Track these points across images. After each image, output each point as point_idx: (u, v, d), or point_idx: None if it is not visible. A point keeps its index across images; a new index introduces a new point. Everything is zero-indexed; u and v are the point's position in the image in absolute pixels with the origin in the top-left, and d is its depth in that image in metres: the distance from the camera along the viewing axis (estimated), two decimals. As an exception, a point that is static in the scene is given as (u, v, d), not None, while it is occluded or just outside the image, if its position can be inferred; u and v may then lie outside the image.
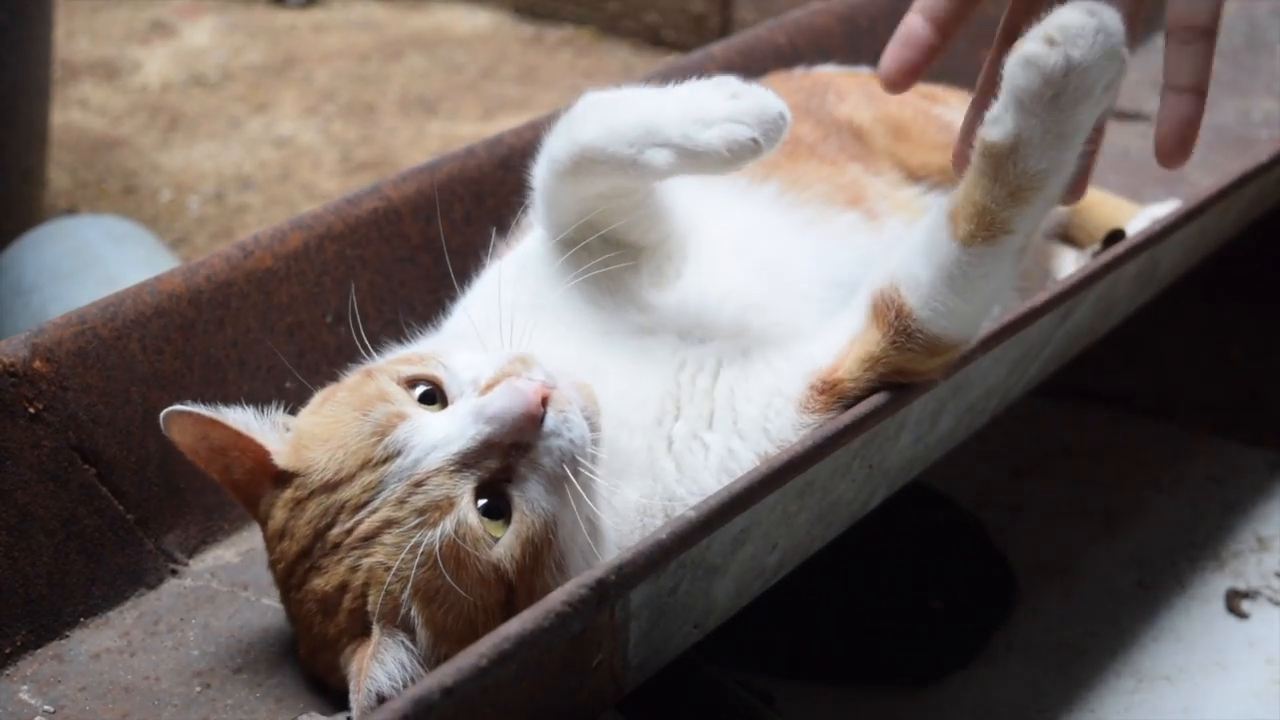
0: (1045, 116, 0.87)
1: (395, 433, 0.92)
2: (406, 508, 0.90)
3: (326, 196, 2.33)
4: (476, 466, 0.91)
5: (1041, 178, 0.89)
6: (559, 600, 0.80)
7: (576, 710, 0.92)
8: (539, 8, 3.10)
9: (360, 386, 0.96)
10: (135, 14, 3.11)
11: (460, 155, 1.36)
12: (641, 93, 1.00)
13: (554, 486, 0.92)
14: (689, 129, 0.94)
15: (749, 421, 1.00)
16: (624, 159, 0.97)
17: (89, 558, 1.08)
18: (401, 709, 0.73)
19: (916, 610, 1.40)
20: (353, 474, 0.92)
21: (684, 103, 0.96)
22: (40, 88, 2.04)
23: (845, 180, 1.19)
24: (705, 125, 0.94)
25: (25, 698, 1.00)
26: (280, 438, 0.97)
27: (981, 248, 0.91)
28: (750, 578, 1.01)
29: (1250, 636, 1.40)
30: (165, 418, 0.96)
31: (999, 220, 0.90)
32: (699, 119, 0.94)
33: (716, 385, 1.02)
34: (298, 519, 0.94)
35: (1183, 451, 1.66)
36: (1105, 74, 0.86)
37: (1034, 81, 0.86)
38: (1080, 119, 0.88)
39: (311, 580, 0.94)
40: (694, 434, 1.01)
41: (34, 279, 1.73)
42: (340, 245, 1.26)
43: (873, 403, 0.95)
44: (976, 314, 0.96)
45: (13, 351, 1.07)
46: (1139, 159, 1.66)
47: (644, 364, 1.03)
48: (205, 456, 0.98)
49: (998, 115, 0.88)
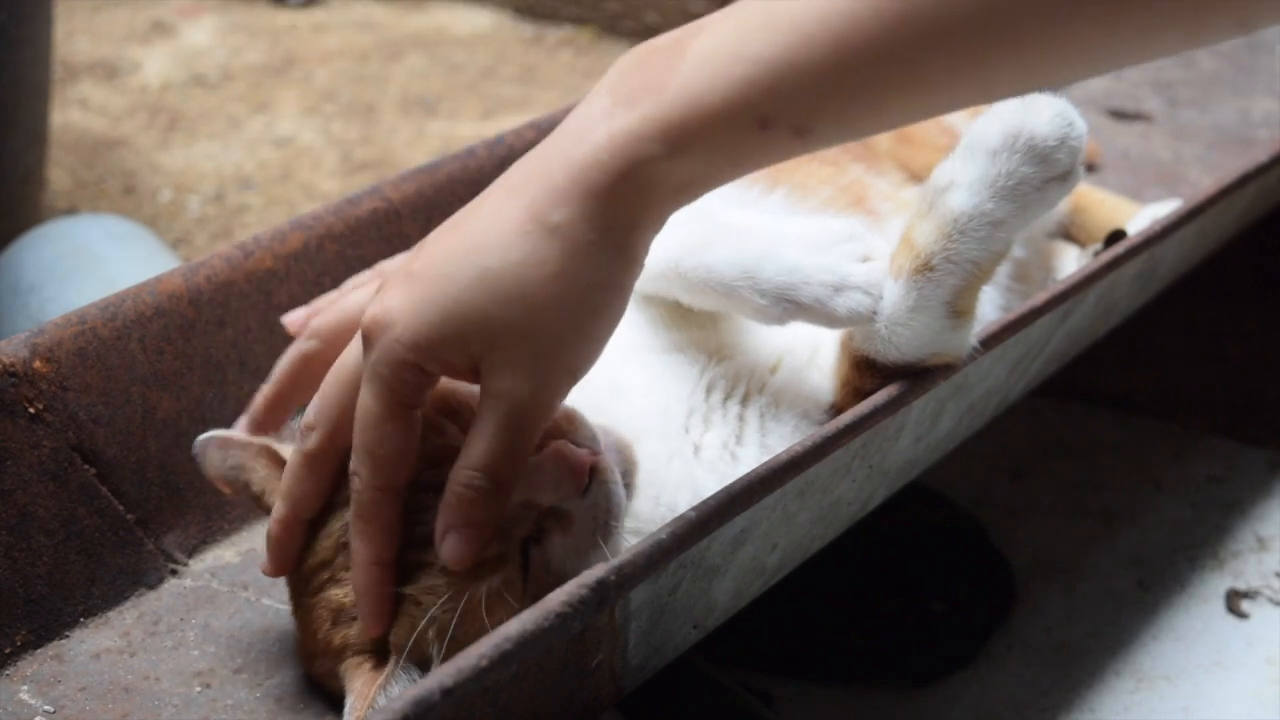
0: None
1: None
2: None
3: (326, 196, 2.33)
4: (518, 523, 0.90)
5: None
6: (559, 600, 0.80)
7: (576, 710, 0.92)
8: (539, 8, 3.10)
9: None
10: (135, 14, 3.11)
11: (460, 155, 1.36)
12: (775, 234, 0.99)
13: (581, 552, 0.91)
14: (822, 294, 0.94)
15: (778, 441, 1.01)
16: (753, 306, 0.97)
17: (89, 558, 1.08)
18: (401, 709, 0.73)
19: (916, 610, 1.40)
20: None
21: (823, 262, 0.95)
22: (40, 88, 2.04)
23: (848, 181, 1.19)
24: (838, 291, 0.94)
25: (25, 698, 1.00)
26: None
27: (909, 279, 0.93)
28: (750, 578, 1.01)
29: (1250, 636, 1.40)
30: (200, 449, 0.98)
31: (922, 254, 0.93)
32: (834, 285, 0.94)
33: (747, 409, 1.03)
34: (318, 531, 0.93)
35: (1183, 451, 1.66)
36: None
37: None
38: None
39: (329, 589, 0.93)
40: (724, 445, 1.01)
41: (34, 279, 1.73)
42: (340, 245, 1.26)
43: (873, 403, 0.95)
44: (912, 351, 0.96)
45: (13, 351, 1.07)
46: (1139, 159, 1.67)
47: (671, 381, 1.03)
48: (229, 480, 0.99)
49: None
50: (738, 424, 1.03)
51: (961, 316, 0.95)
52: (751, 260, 0.97)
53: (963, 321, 0.96)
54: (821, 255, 0.96)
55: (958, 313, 0.95)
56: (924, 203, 0.94)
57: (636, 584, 0.85)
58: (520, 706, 0.85)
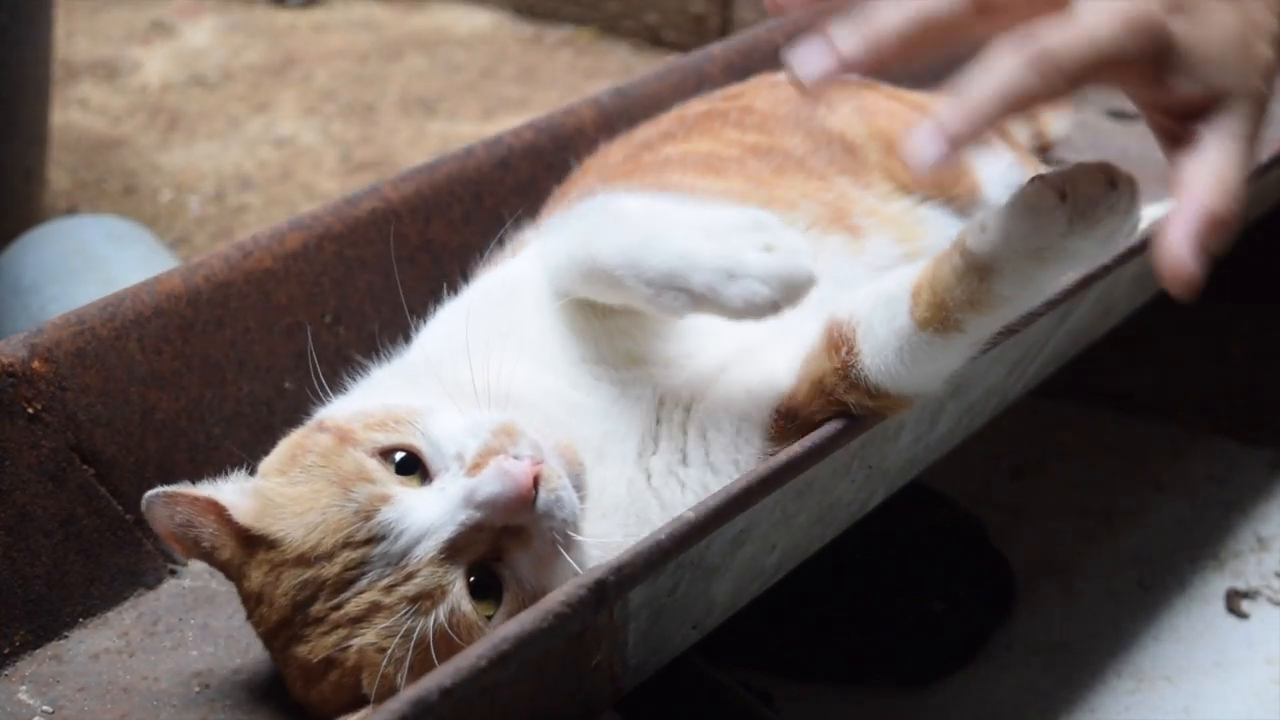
0: (1027, 260, 0.85)
1: (380, 515, 0.88)
2: (396, 594, 0.87)
3: (326, 196, 2.33)
4: (466, 550, 0.88)
5: (1001, 302, 0.88)
6: (557, 601, 0.80)
7: (575, 711, 0.92)
8: (539, 8, 3.09)
9: (334, 456, 0.92)
10: (135, 14, 3.11)
11: (459, 155, 1.36)
12: (667, 219, 0.94)
13: (545, 561, 0.90)
14: (714, 280, 0.90)
15: (720, 453, 0.98)
16: (641, 295, 0.93)
17: (88, 558, 1.08)
18: (399, 709, 0.73)
19: (916, 610, 1.40)
20: (331, 552, 0.89)
21: (716, 249, 0.91)
22: (40, 88, 2.04)
23: (831, 197, 1.18)
24: (731, 279, 0.89)
25: (24, 698, 1.00)
26: (241, 492, 0.94)
27: (932, 335, 0.89)
28: (749, 578, 1.01)
29: (1250, 636, 1.40)
30: (146, 506, 0.94)
31: (953, 320, 0.89)
32: (727, 270, 0.89)
33: (689, 419, 1.00)
34: (274, 588, 0.91)
35: (1183, 451, 1.66)
36: (1103, 248, 0.85)
37: (1027, 231, 0.84)
38: (1059, 274, 0.87)
39: (294, 648, 0.91)
40: (669, 469, 0.99)
41: (34, 279, 1.72)
42: (339, 245, 1.26)
43: (872, 403, 0.95)
44: (922, 383, 0.93)
45: (11, 352, 1.07)
46: (1139, 159, 1.66)
47: (626, 399, 1.00)
48: (178, 536, 0.95)
49: (985, 225, 0.86)
50: (681, 440, 0.99)
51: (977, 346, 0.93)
52: (635, 246, 0.93)
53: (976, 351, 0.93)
54: (716, 242, 0.91)
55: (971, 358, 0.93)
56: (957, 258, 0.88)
57: (635, 584, 0.84)
58: (519, 706, 0.85)
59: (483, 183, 1.35)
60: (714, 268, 0.90)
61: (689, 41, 2.78)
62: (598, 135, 1.41)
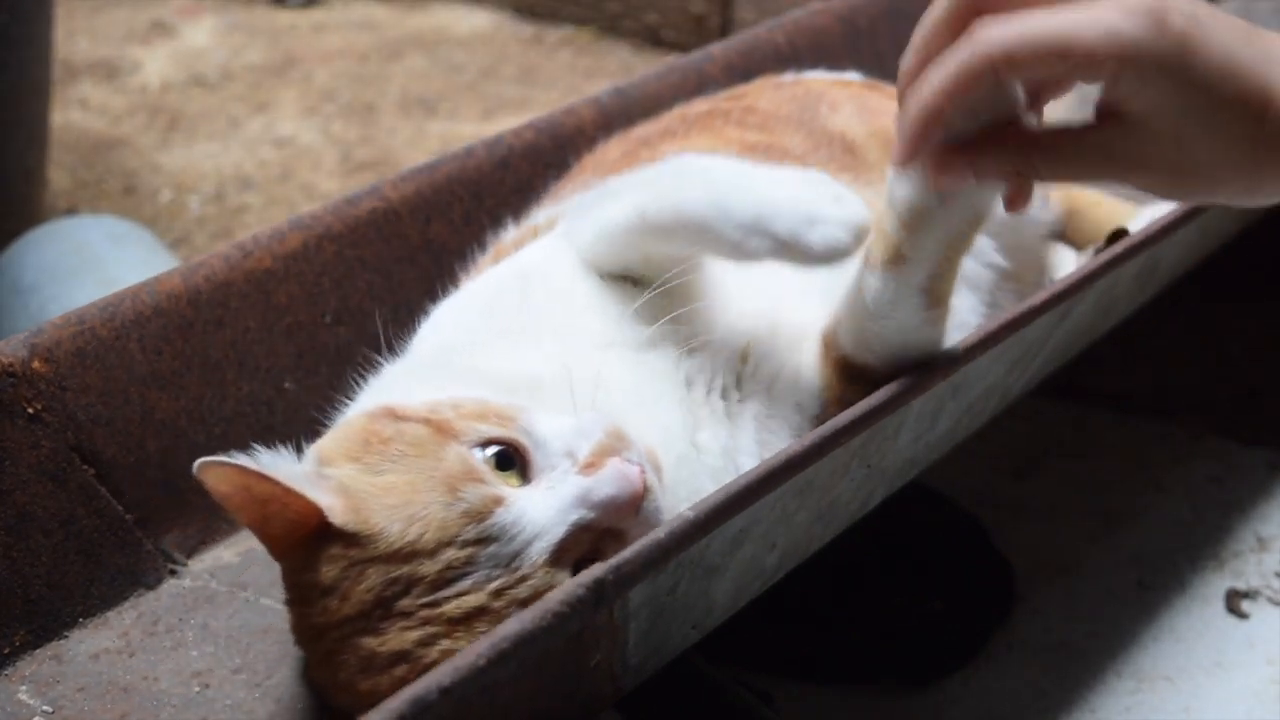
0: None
1: (495, 518, 0.87)
2: (506, 597, 0.86)
3: (326, 196, 2.33)
4: (572, 551, 0.88)
5: (929, 216, 0.93)
6: (557, 600, 0.80)
7: (575, 710, 0.92)
8: (539, 8, 3.10)
9: (431, 447, 0.90)
10: (135, 14, 3.11)
11: (459, 155, 1.36)
12: (746, 174, 1.00)
13: None
14: (797, 225, 0.94)
15: (771, 452, 1.00)
16: (729, 241, 0.97)
17: (88, 558, 1.08)
18: (399, 709, 0.73)
19: (916, 610, 1.40)
20: (433, 550, 0.87)
21: (795, 198, 0.96)
22: (40, 88, 2.04)
23: None
24: (812, 224, 0.94)
25: (24, 698, 1.00)
26: (324, 488, 0.90)
27: (884, 272, 0.95)
28: (749, 578, 1.01)
29: (1250, 636, 1.40)
30: (201, 468, 0.89)
31: (897, 249, 0.95)
32: (808, 217, 0.94)
33: (732, 405, 1.03)
34: (356, 583, 0.88)
35: (1183, 451, 1.66)
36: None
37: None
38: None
39: (360, 639, 0.89)
40: (723, 449, 1.01)
41: (34, 279, 1.73)
42: (339, 245, 1.26)
43: (871, 402, 0.95)
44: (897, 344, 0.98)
45: (11, 352, 1.07)
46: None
47: (651, 380, 1.01)
48: (243, 506, 0.91)
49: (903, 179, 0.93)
50: (727, 421, 1.02)
51: (938, 306, 0.97)
52: (722, 194, 0.97)
53: (940, 313, 0.97)
54: (794, 189, 0.96)
55: (935, 301, 0.96)
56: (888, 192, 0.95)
57: (635, 584, 0.84)
58: (519, 706, 0.85)
59: (483, 183, 1.35)
60: (797, 213, 0.95)
61: (689, 41, 2.78)
62: (598, 135, 1.41)
